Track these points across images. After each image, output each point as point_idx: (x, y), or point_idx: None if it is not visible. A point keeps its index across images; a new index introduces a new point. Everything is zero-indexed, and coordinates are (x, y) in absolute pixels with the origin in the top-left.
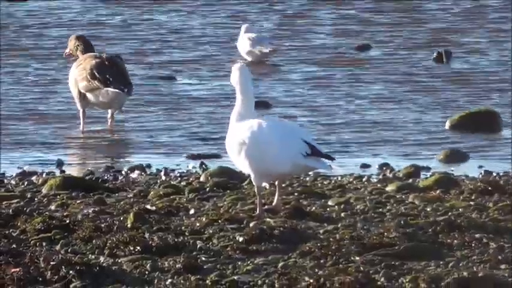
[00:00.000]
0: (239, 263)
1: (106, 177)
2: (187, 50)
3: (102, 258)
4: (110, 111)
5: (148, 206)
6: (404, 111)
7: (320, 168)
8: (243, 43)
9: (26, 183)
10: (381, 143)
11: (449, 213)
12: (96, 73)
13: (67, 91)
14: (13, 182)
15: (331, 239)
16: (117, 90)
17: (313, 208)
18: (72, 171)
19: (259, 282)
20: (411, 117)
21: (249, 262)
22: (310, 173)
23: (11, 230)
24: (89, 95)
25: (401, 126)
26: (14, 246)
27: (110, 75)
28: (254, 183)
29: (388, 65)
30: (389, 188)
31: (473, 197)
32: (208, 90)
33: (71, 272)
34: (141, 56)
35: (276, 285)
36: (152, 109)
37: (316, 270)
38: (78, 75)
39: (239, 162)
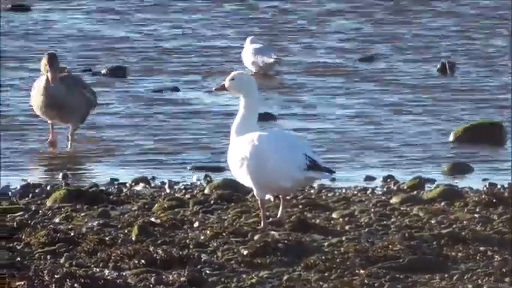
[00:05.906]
0: (243, 276)
1: (110, 190)
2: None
3: (106, 271)
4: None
5: (152, 219)
6: (409, 122)
7: (320, 179)
8: (247, 54)
9: (30, 195)
10: (385, 155)
11: (454, 226)
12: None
13: None
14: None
15: (335, 252)
16: None
17: (318, 221)
18: (77, 183)
19: None
20: (416, 128)
21: (253, 275)
22: (314, 185)
23: (15, 243)
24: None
25: (405, 138)
26: (19, 259)
27: None
28: (257, 197)
29: (391, 76)
30: (394, 200)
31: (477, 210)
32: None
33: (75, 285)
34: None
35: None
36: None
37: (321, 283)
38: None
39: (240, 176)
